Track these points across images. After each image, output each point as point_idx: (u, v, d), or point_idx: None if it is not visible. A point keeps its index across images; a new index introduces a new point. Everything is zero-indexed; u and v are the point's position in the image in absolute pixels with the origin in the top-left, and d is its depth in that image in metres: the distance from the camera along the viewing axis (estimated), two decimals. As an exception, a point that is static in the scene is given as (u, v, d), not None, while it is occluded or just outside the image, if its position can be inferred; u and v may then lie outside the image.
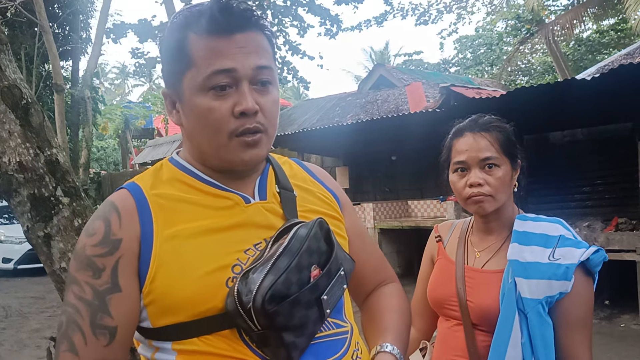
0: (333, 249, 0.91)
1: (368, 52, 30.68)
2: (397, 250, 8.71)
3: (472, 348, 1.33)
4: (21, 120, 2.28)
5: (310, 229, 0.89)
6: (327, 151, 10.21)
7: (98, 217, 0.90)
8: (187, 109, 0.91)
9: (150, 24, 9.07)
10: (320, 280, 0.86)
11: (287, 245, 0.85)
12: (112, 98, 36.68)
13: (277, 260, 0.84)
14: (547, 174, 6.36)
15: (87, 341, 0.83)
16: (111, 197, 0.93)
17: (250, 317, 0.81)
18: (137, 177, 0.96)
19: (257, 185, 0.98)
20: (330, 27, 9.81)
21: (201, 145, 0.93)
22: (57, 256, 2.32)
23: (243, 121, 0.88)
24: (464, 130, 1.38)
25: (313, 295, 0.85)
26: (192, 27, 0.89)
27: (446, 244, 1.51)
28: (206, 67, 0.87)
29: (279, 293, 0.81)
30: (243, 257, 0.89)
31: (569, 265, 1.24)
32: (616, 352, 4.73)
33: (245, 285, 0.83)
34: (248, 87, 0.88)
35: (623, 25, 17.01)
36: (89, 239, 0.88)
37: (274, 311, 0.80)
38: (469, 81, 12.87)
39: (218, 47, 0.87)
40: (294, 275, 0.83)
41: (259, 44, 0.90)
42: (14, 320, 7.00)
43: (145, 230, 0.88)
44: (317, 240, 0.89)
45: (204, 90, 0.88)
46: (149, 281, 0.86)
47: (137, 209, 0.89)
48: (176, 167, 0.97)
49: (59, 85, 11.98)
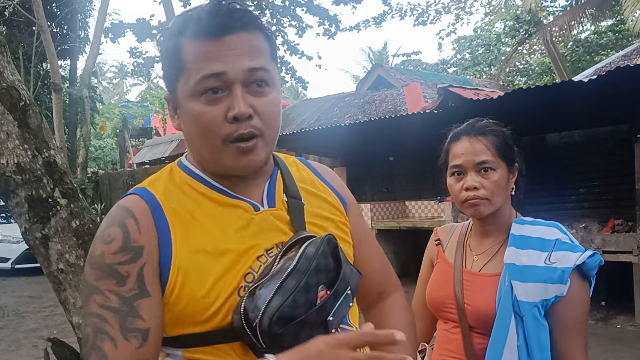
0: (341, 267, 0.89)
1: (366, 52, 30.76)
2: (394, 251, 8.72)
3: (469, 350, 1.35)
4: (19, 121, 2.29)
5: (318, 247, 0.87)
6: (325, 151, 10.21)
7: (113, 224, 0.87)
8: (183, 114, 0.90)
9: (149, 24, 9.05)
10: (327, 301, 0.85)
11: (296, 265, 0.84)
12: (110, 97, 36.62)
13: (285, 280, 0.82)
14: (544, 175, 6.37)
15: (117, 346, 0.81)
16: (123, 202, 0.90)
17: (256, 335, 0.81)
18: (147, 183, 0.94)
19: (266, 191, 0.97)
20: (329, 27, 9.80)
21: (199, 149, 0.92)
22: (55, 257, 2.32)
23: (237, 126, 0.86)
24: (460, 134, 1.39)
25: (319, 317, 0.84)
26: (184, 32, 0.88)
27: (445, 247, 1.52)
28: (196, 71, 0.85)
29: (286, 315, 0.80)
30: (255, 264, 0.89)
31: (564, 268, 1.25)
32: (612, 353, 4.74)
33: (252, 301, 0.82)
34: (241, 91, 0.86)
35: (621, 27, 17.07)
36: (108, 247, 0.85)
37: (281, 332, 0.80)
38: (467, 82, 12.88)
39: (208, 50, 0.85)
40: (301, 296, 0.82)
41: (252, 45, 0.87)
42: (10, 319, 6.98)
43: (164, 238, 0.86)
44: (325, 258, 0.88)
45: (196, 96, 0.86)
46: (168, 291, 0.85)
47: (153, 215, 0.87)
48: (186, 173, 0.95)
49: (57, 85, 11.96)
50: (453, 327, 1.40)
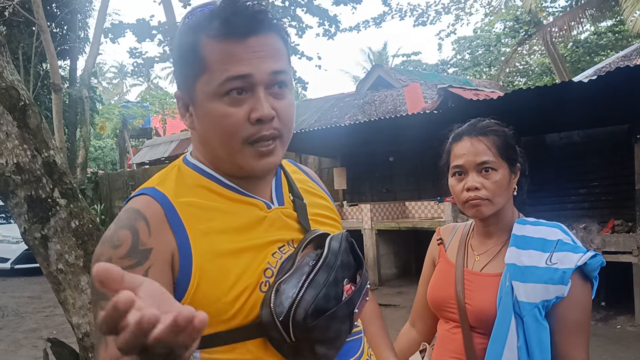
0: (362, 262, 0.93)
1: (366, 52, 30.74)
2: (394, 252, 8.72)
3: (470, 350, 1.34)
4: (19, 122, 2.28)
5: (340, 243, 0.91)
6: (324, 152, 10.20)
7: (123, 226, 0.85)
8: (201, 113, 0.89)
9: (149, 24, 9.05)
10: (354, 295, 0.89)
11: (325, 259, 0.87)
12: (110, 97, 36.64)
13: (316, 274, 0.85)
14: (544, 175, 6.36)
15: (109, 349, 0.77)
16: (133, 203, 0.88)
17: (287, 329, 0.82)
18: (156, 182, 0.93)
19: (274, 190, 0.99)
20: (329, 27, 9.81)
21: (215, 150, 0.91)
22: (54, 258, 2.32)
23: (259, 127, 0.86)
24: (462, 134, 1.39)
25: (348, 310, 0.88)
26: (204, 30, 0.86)
27: (447, 247, 1.52)
28: (221, 72, 0.85)
29: (320, 307, 0.83)
30: (272, 260, 0.91)
31: (565, 269, 1.24)
32: (612, 354, 4.74)
33: (278, 296, 0.84)
34: (264, 93, 0.86)
35: (621, 27, 17.08)
36: (115, 251, 0.82)
37: (313, 325, 0.82)
38: (467, 82, 12.88)
39: (232, 51, 0.84)
40: (332, 289, 0.85)
41: (274, 47, 0.88)
42: (10, 320, 6.98)
43: (182, 240, 0.85)
44: (347, 254, 0.91)
45: (219, 96, 0.86)
46: (191, 292, 0.84)
47: (167, 216, 0.86)
48: (196, 172, 0.95)
49: (57, 85, 11.96)
50: (454, 326, 1.40)
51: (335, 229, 1.04)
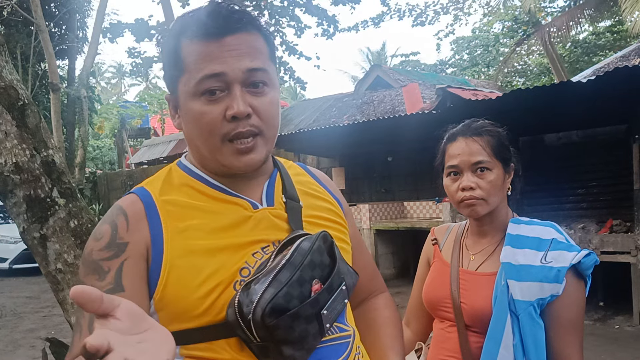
0: (335, 263, 0.90)
1: (365, 52, 30.77)
2: (392, 252, 8.73)
3: (465, 349, 1.35)
4: (17, 121, 2.29)
5: (313, 242, 0.89)
6: (323, 152, 10.21)
7: (105, 222, 0.90)
8: (183, 113, 0.92)
9: (147, 24, 9.03)
10: (320, 295, 0.86)
11: (290, 258, 0.85)
12: (108, 97, 36.59)
13: (278, 273, 0.83)
14: (542, 175, 6.37)
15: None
16: (120, 201, 0.93)
17: (250, 329, 0.81)
18: (146, 182, 0.96)
19: (265, 190, 0.99)
20: (327, 27, 9.79)
21: (199, 149, 0.93)
22: (53, 257, 2.33)
23: (235, 125, 0.88)
24: (457, 134, 1.40)
25: (313, 310, 0.85)
26: (185, 33, 0.89)
27: (442, 247, 1.53)
28: (197, 72, 0.87)
29: (279, 307, 0.81)
30: (251, 260, 0.90)
31: (560, 268, 1.25)
32: (610, 354, 4.75)
33: (247, 296, 0.83)
34: (240, 91, 0.87)
35: (619, 27, 17.11)
36: (96, 243, 0.88)
37: (274, 324, 0.80)
38: (465, 82, 12.89)
39: (208, 51, 0.87)
40: (295, 289, 0.83)
41: (252, 45, 0.89)
42: (8, 320, 6.98)
43: (155, 235, 0.88)
44: (320, 254, 0.89)
45: (196, 95, 0.88)
46: (160, 287, 0.86)
47: (146, 213, 0.89)
48: (184, 172, 0.97)
49: (55, 85, 11.96)
50: (449, 326, 1.41)
51: (336, 232, 1.02)
